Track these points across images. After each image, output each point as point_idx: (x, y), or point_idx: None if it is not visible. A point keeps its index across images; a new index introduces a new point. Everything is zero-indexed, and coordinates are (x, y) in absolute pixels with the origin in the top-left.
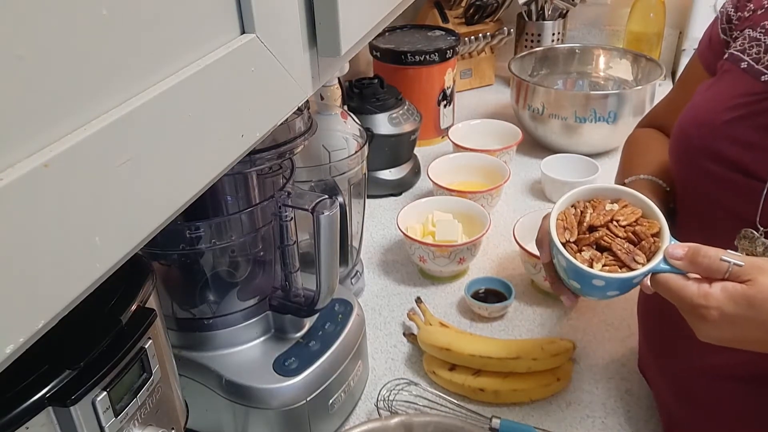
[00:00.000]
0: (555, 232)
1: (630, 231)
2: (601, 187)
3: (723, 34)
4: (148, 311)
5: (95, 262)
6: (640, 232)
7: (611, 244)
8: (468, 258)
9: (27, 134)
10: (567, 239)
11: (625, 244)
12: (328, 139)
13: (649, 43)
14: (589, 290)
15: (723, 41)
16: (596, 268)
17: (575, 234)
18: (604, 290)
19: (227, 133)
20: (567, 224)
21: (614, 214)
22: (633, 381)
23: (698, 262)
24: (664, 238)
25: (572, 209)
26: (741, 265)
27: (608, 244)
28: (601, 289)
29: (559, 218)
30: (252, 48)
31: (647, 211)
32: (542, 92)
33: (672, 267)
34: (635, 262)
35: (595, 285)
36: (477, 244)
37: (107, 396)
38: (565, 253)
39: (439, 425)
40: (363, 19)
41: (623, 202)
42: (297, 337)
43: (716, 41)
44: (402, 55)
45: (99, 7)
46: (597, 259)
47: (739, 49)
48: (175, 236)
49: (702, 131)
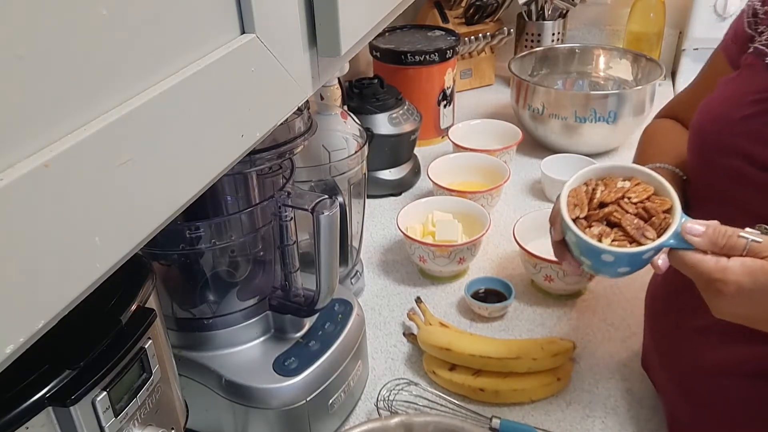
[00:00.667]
0: (565, 209)
1: (641, 207)
2: (613, 166)
3: (748, 28)
4: (148, 311)
5: (95, 262)
6: (650, 208)
7: (621, 220)
8: (468, 258)
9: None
10: (577, 215)
11: (635, 220)
12: (328, 139)
13: (649, 43)
14: (600, 266)
15: (748, 35)
16: (605, 243)
17: (585, 210)
18: (614, 266)
19: (227, 133)
20: (577, 201)
21: (626, 192)
22: (633, 381)
23: (719, 240)
24: (675, 214)
25: (584, 187)
26: (759, 242)
27: (618, 220)
28: (611, 265)
29: (570, 195)
30: (252, 48)
31: (659, 189)
32: (542, 92)
33: (680, 243)
34: (645, 238)
35: (605, 260)
36: (477, 244)
37: (107, 396)
38: (574, 228)
39: (439, 425)
40: (363, 19)
41: (635, 180)
42: (297, 337)
43: (741, 35)
44: (402, 55)
45: (99, 7)
46: (606, 235)
47: (764, 43)
48: (175, 236)
49: (719, 126)
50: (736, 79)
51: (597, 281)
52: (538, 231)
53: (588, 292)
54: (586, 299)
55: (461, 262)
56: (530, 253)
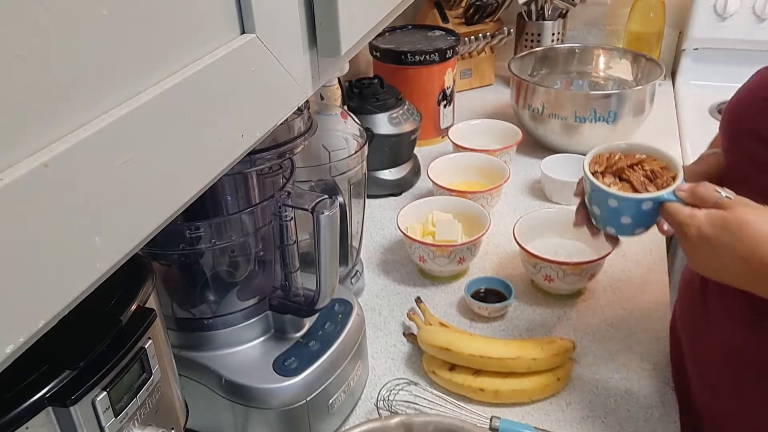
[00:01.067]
0: (587, 162)
1: (649, 170)
2: (634, 143)
3: None
4: (148, 311)
5: (95, 262)
6: (657, 171)
7: (630, 176)
8: (468, 258)
9: (27, 134)
10: (595, 170)
11: (642, 177)
12: (328, 139)
13: (649, 43)
14: (608, 215)
15: None
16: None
17: (603, 167)
18: (618, 214)
19: (227, 133)
20: (599, 160)
21: (641, 161)
22: (633, 381)
23: (697, 191)
24: (677, 180)
25: (606, 153)
26: (730, 198)
27: (628, 177)
28: (616, 213)
29: (594, 156)
30: (252, 48)
31: (670, 164)
32: (542, 92)
33: (672, 198)
34: (646, 191)
35: (611, 207)
36: (477, 244)
37: (107, 396)
38: (589, 175)
39: (439, 425)
40: (363, 19)
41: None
42: (297, 337)
43: None
44: (402, 55)
45: (99, 7)
46: (615, 184)
47: None
48: (175, 236)
49: (742, 108)
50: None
51: (597, 281)
52: (538, 231)
53: (588, 292)
54: (586, 299)
55: (461, 262)
56: (530, 253)
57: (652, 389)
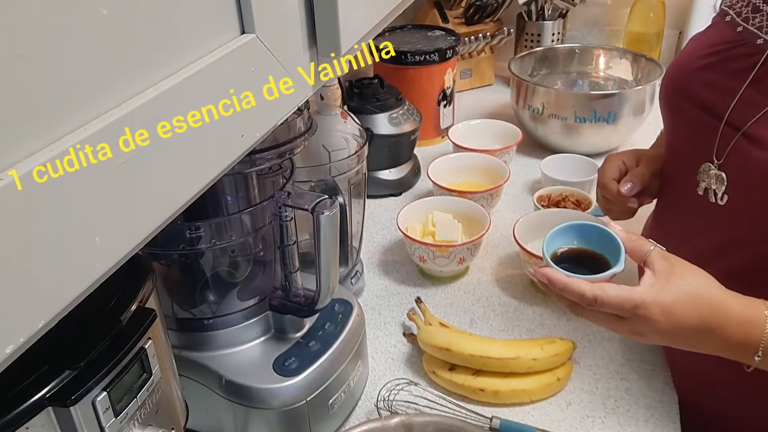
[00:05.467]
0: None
1: (574, 200)
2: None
3: None
4: (148, 311)
5: (95, 262)
6: (580, 200)
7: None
8: (468, 258)
9: (27, 134)
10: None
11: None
12: (328, 139)
13: (649, 43)
14: None
15: None
16: None
17: (546, 202)
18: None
19: (227, 133)
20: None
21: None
22: (633, 381)
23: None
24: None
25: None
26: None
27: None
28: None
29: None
30: (252, 48)
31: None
32: (542, 92)
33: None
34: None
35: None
36: (477, 244)
37: (107, 396)
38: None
39: (439, 425)
40: (363, 19)
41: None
42: (297, 337)
43: None
44: (402, 55)
45: (99, 7)
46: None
47: (728, 4)
48: (175, 236)
49: (681, 73)
50: (702, 34)
51: None
52: (538, 231)
53: None
54: None
55: (461, 262)
56: (530, 253)
57: (652, 389)
